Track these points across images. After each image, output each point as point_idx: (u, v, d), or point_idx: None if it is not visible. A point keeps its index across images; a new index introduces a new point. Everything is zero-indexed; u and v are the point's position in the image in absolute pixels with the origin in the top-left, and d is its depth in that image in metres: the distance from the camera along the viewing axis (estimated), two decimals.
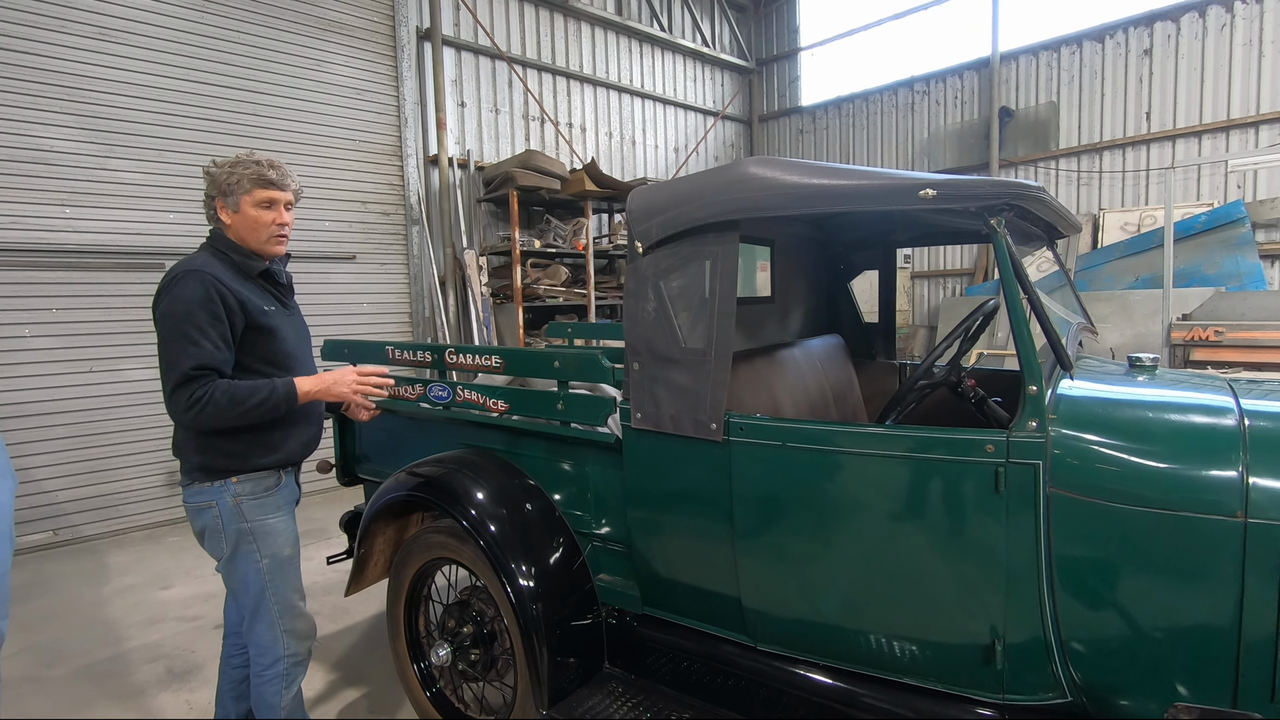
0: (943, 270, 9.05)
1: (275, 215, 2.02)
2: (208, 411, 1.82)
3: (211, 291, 1.86)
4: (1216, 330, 5.38)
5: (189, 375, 1.81)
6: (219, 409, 1.83)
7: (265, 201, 1.99)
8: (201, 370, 1.83)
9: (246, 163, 1.99)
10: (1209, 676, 1.44)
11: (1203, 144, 7.04)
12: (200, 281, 1.86)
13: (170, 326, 1.85)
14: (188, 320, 1.83)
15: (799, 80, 10.29)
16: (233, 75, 5.53)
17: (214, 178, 2.00)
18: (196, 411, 1.81)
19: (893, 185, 1.60)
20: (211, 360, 1.84)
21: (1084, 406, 1.62)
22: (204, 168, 2.04)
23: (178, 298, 1.85)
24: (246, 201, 1.98)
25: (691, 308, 1.92)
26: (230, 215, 2.00)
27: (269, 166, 2.00)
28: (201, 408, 1.81)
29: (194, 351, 1.82)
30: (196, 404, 1.81)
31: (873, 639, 1.76)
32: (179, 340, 1.83)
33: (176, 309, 1.84)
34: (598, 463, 2.23)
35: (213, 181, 2.00)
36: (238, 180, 1.97)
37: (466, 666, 2.35)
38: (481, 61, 7.29)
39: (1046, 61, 7.97)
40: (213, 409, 1.82)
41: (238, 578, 2.03)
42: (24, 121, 4.64)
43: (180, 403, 1.82)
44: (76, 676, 3.06)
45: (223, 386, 1.85)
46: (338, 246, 6.19)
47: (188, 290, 1.85)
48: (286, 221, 2.06)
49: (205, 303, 1.85)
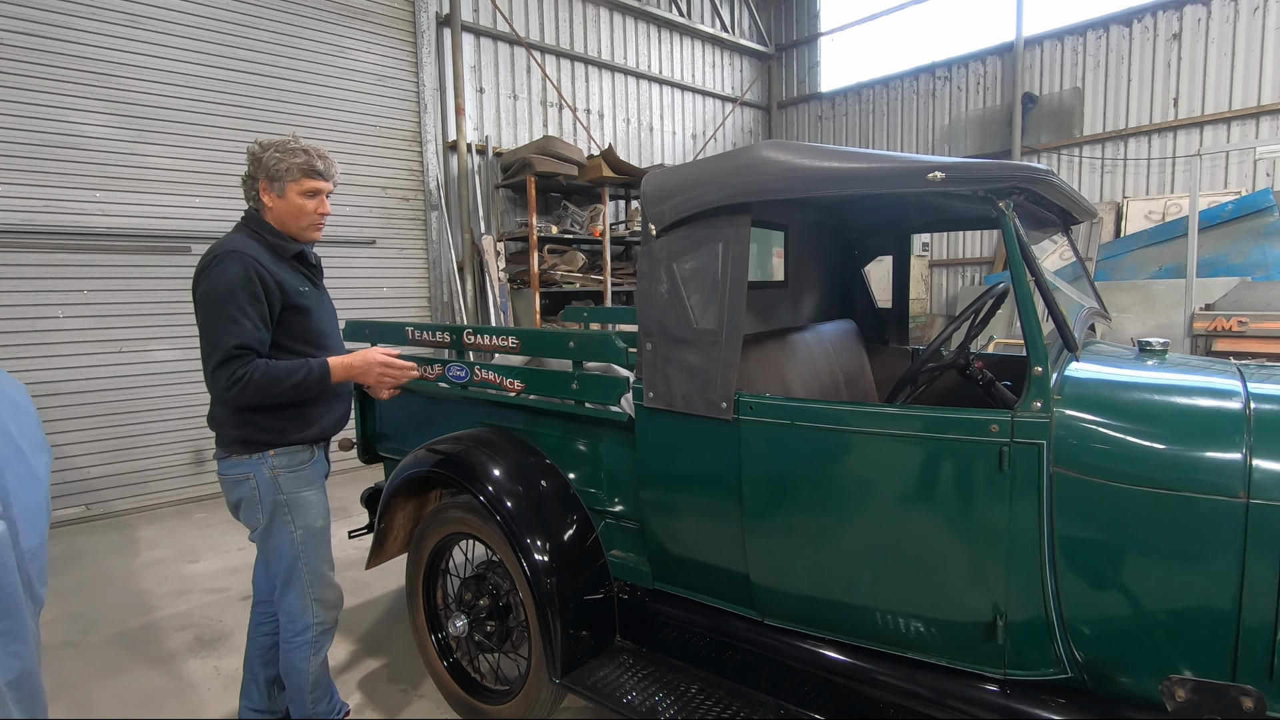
0: (962, 259, 8.97)
1: (318, 205, 2.09)
2: (249, 390, 1.89)
3: (251, 272, 1.92)
4: (1240, 321, 5.30)
5: (231, 354, 1.87)
6: (259, 387, 1.90)
7: (311, 191, 2.05)
8: (242, 350, 1.89)
9: (295, 150, 2.02)
10: (1208, 655, 1.46)
11: (1231, 131, 6.90)
12: (240, 262, 1.92)
13: (212, 306, 1.90)
14: (229, 300, 1.89)
15: (819, 66, 10.19)
16: (257, 62, 5.62)
17: (261, 160, 2.02)
18: (238, 390, 1.88)
19: (901, 168, 1.62)
20: (251, 340, 1.90)
21: (1089, 388, 1.64)
22: (249, 147, 2.06)
23: (219, 278, 1.90)
24: (293, 189, 2.03)
25: (704, 289, 1.96)
26: (274, 200, 2.05)
27: (318, 157, 2.05)
28: (243, 386, 1.88)
29: (236, 330, 1.88)
30: (238, 383, 1.87)
31: (877, 615, 1.80)
32: (221, 320, 1.89)
33: (218, 289, 1.90)
34: (611, 441, 2.28)
35: (259, 164, 2.03)
36: (287, 168, 2.01)
37: (482, 638, 2.42)
38: (500, 47, 7.31)
39: (1072, 46, 7.83)
40: (253, 388, 1.89)
41: (272, 547, 2.10)
42: (56, 107, 4.76)
43: (222, 381, 1.88)
44: (111, 642, 3.20)
45: (262, 366, 1.91)
46: (358, 231, 6.28)
47: (229, 271, 1.91)
48: (327, 211, 2.12)
49: (245, 283, 1.91)
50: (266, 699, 2.32)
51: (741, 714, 1.88)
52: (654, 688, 2.01)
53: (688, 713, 1.89)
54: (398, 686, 2.77)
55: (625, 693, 2.00)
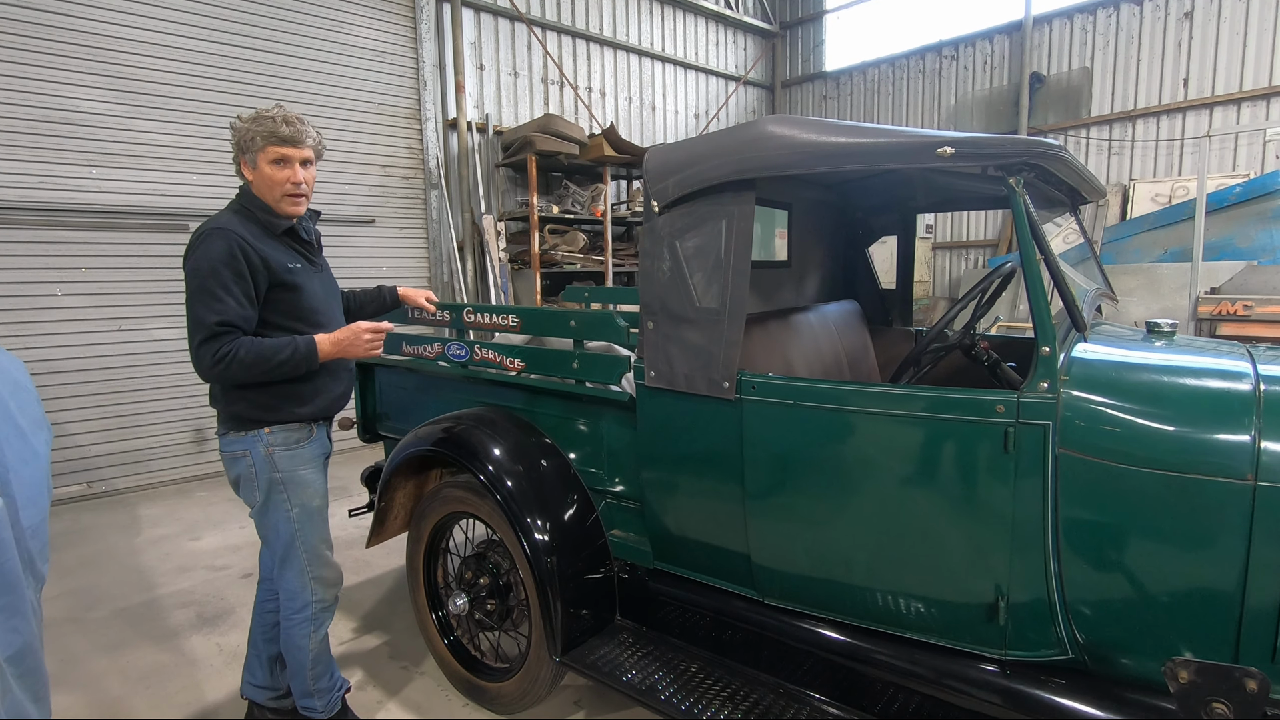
0: (966, 241, 8.90)
1: (289, 174, 1.99)
2: (234, 368, 1.87)
3: (235, 249, 1.89)
4: (1245, 305, 5.26)
5: (214, 331, 1.86)
6: (243, 365, 1.88)
7: (278, 159, 1.98)
8: (225, 326, 1.87)
9: (263, 118, 1.97)
10: (1212, 637, 1.46)
11: (1242, 112, 6.81)
12: (224, 239, 1.90)
13: (196, 284, 1.89)
14: (212, 277, 1.87)
15: (824, 44, 10.05)
16: (254, 37, 5.54)
17: (237, 133, 2.00)
18: (222, 368, 1.86)
19: (910, 143, 1.59)
20: (234, 317, 1.88)
21: (1097, 369, 1.62)
22: (230, 123, 2.04)
23: (204, 255, 1.89)
24: (262, 159, 1.98)
25: (706, 267, 1.93)
26: (251, 173, 2.02)
27: (283, 122, 1.97)
28: (227, 364, 1.86)
29: (219, 308, 1.86)
30: (221, 360, 1.85)
31: (878, 595, 1.79)
32: (204, 297, 1.87)
33: (202, 266, 1.88)
34: (612, 421, 2.27)
35: (235, 137, 2.00)
36: (253, 137, 1.97)
37: (483, 616, 2.43)
38: (501, 23, 7.20)
39: (1081, 25, 7.71)
40: (237, 365, 1.87)
41: (269, 525, 2.10)
42: (51, 82, 4.70)
43: (205, 358, 1.86)
44: (114, 618, 3.21)
45: (246, 344, 1.89)
46: (357, 210, 6.23)
47: (213, 248, 1.89)
48: (301, 179, 2.02)
49: (229, 260, 1.88)
50: (269, 675, 2.33)
51: (741, 692, 1.88)
52: (654, 666, 2.02)
53: (687, 691, 1.90)
54: (398, 664, 2.79)
55: (625, 671, 2.00)
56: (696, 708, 1.83)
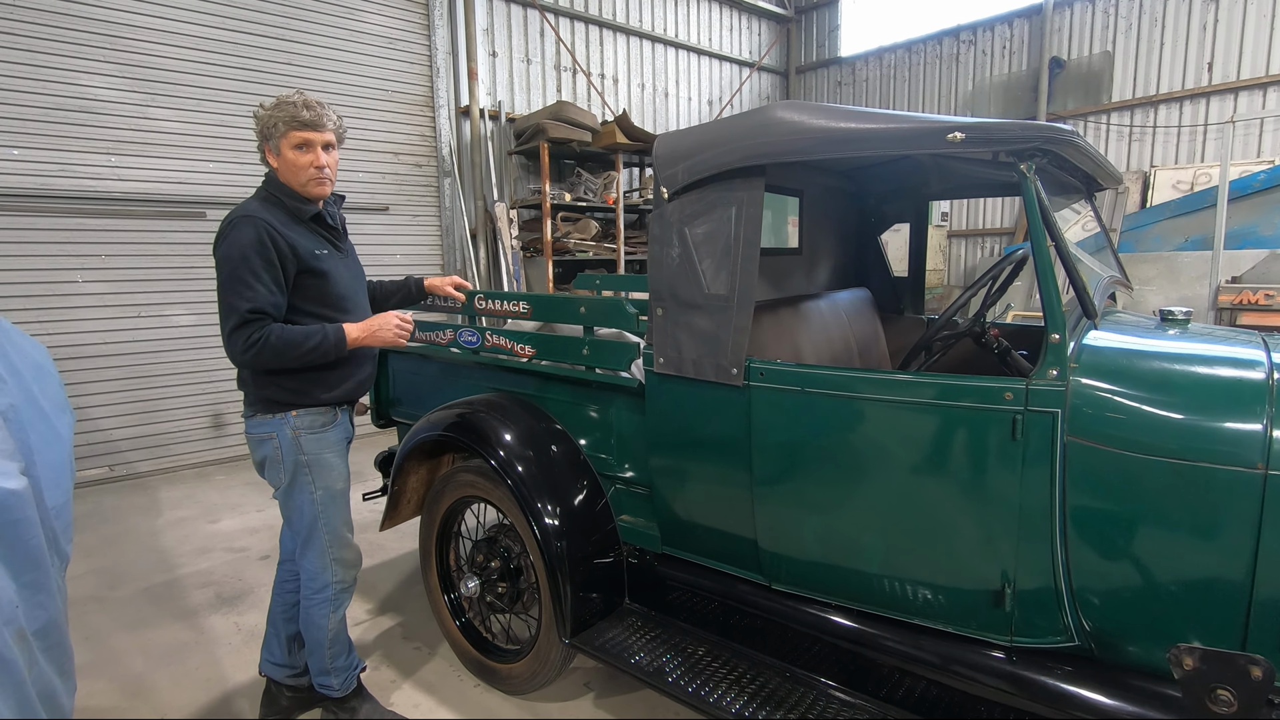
0: (981, 229, 8.80)
1: (312, 158, 2.03)
2: (265, 354, 1.90)
3: (264, 236, 1.92)
4: (1267, 294, 5.16)
5: (246, 318, 1.89)
6: (274, 351, 1.91)
7: (300, 143, 2.01)
8: (256, 314, 1.90)
9: (284, 104, 2.00)
10: (1218, 625, 1.46)
11: (1268, 96, 6.65)
12: (253, 226, 1.92)
13: (227, 271, 1.92)
14: (243, 265, 1.90)
15: (839, 29, 9.92)
16: (269, 25, 5.56)
17: (260, 121, 2.03)
18: (254, 354, 1.90)
19: (920, 129, 1.58)
20: (265, 304, 1.91)
21: (1107, 356, 1.61)
22: (254, 112, 2.06)
23: (233, 243, 1.92)
24: (285, 145, 2.01)
25: (715, 254, 1.93)
26: (275, 159, 2.04)
27: (304, 106, 2.00)
28: (258, 350, 1.89)
29: (250, 295, 1.89)
30: (253, 346, 1.89)
31: (885, 581, 1.80)
32: (235, 284, 1.90)
33: (233, 254, 1.91)
34: (621, 407, 2.29)
35: (259, 125, 2.03)
36: (275, 123, 2.00)
37: (494, 599, 2.47)
38: (513, 10, 7.18)
39: (1103, 8, 7.55)
40: (268, 351, 1.90)
41: (293, 506, 2.14)
42: (70, 70, 4.75)
43: (238, 344, 1.90)
44: (136, 597, 3.29)
45: (277, 330, 1.92)
46: (371, 197, 6.26)
47: (243, 235, 1.91)
48: (324, 163, 2.05)
49: (259, 247, 1.91)
50: (287, 654, 2.38)
51: (748, 675, 1.90)
52: (662, 649, 2.04)
53: (695, 674, 1.92)
54: (412, 645, 2.84)
55: (633, 653, 2.03)
56: (704, 690, 1.86)
